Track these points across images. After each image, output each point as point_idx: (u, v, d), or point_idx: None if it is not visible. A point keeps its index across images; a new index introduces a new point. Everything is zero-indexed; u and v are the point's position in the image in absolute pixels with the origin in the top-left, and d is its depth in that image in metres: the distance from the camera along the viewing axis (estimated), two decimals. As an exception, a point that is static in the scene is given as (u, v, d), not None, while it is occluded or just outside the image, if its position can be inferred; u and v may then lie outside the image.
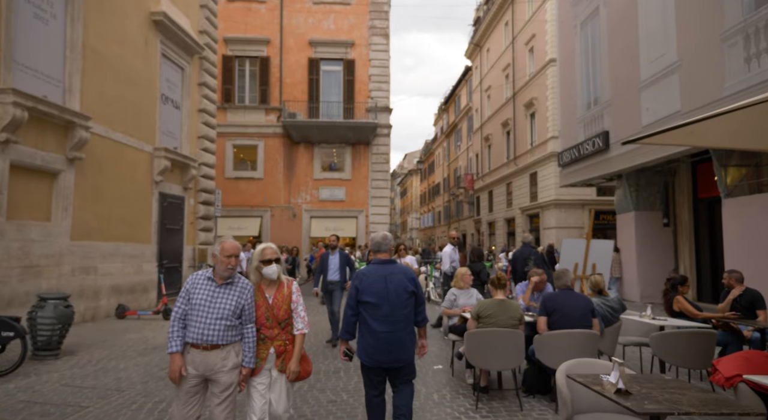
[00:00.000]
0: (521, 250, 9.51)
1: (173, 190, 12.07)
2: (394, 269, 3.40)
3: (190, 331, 2.90)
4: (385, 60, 22.14)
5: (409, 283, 3.36)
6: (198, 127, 13.24)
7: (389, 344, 3.25)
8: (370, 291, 3.30)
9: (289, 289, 3.19)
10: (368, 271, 3.40)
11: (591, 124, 13.83)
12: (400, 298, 3.29)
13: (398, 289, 3.30)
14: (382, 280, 3.32)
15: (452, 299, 6.14)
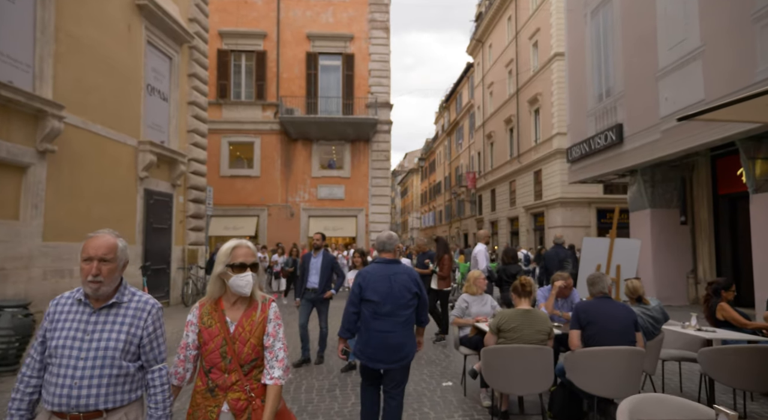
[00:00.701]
0: (554, 251, 8.69)
1: (160, 186, 11.27)
2: (398, 269, 3.39)
3: (50, 391, 1.79)
4: (386, 54, 21.33)
5: (413, 284, 3.35)
6: (188, 121, 12.43)
7: (388, 344, 3.23)
8: (374, 289, 3.28)
9: (264, 314, 2.14)
10: (372, 270, 3.38)
11: (603, 117, 13.01)
12: (403, 298, 3.28)
13: (402, 290, 3.29)
14: (386, 279, 3.30)
15: (463, 307, 5.33)
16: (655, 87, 10.91)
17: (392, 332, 3.24)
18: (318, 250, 6.48)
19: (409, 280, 3.34)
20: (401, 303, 3.28)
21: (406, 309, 3.30)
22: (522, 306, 4.02)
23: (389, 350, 3.23)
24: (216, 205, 20.19)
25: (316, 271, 6.36)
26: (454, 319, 5.37)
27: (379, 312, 3.24)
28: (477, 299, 5.38)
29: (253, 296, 2.15)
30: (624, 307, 4.03)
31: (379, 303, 3.24)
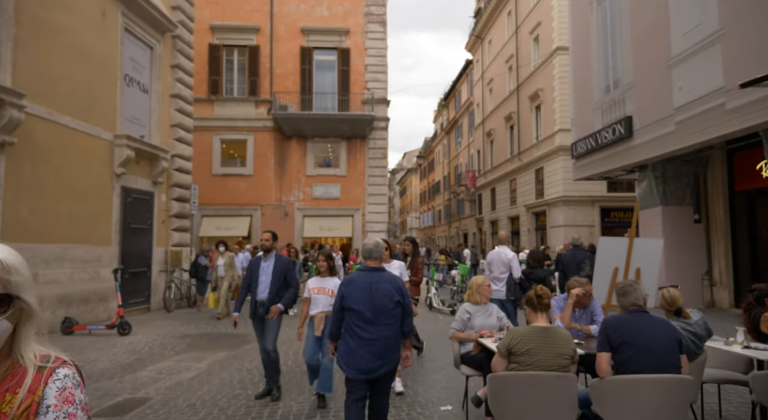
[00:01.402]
0: (572, 254, 7.86)
1: (140, 184, 10.47)
2: (381, 277, 3.31)
3: None
4: (383, 49, 20.55)
5: (395, 293, 3.27)
6: (171, 114, 11.64)
7: (371, 353, 3.17)
8: (355, 298, 3.23)
9: (33, 395, 1.04)
10: (355, 278, 3.34)
11: (610, 110, 12.22)
12: (385, 307, 3.22)
13: (383, 298, 3.22)
14: (367, 287, 3.24)
15: (465, 318, 4.54)
16: (667, 76, 10.12)
17: (376, 341, 3.18)
18: (268, 252, 5.09)
19: (391, 289, 3.26)
20: (384, 312, 3.21)
21: (389, 317, 3.24)
22: (538, 323, 3.21)
23: (372, 359, 3.17)
24: (208, 204, 19.43)
25: (266, 280, 4.98)
26: (454, 333, 4.59)
27: (362, 320, 3.20)
28: (481, 310, 4.59)
29: (14, 355, 1.08)
30: (664, 323, 3.22)
31: (360, 312, 3.20)
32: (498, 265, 6.78)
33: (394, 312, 3.25)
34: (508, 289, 6.66)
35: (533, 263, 6.81)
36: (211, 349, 7.48)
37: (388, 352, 3.22)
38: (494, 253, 6.97)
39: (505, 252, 6.91)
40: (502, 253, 6.90)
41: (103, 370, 6.28)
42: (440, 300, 11.26)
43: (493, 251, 7.11)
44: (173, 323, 9.54)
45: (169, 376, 6.11)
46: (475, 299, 4.60)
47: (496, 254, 6.92)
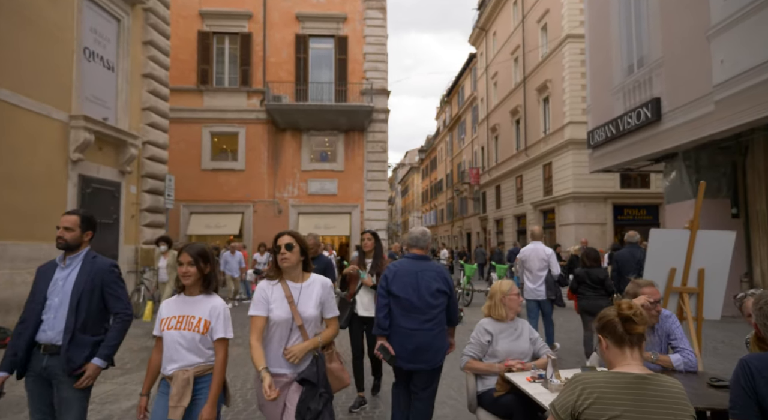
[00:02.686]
0: (629, 252, 6.71)
1: (103, 173, 9.11)
2: (426, 266, 3.24)
3: None
4: (382, 37, 19.18)
5: (441, 283, 3.19)
6: (142, 96, 10.28)
7: (414, 343, 3.09)
8: (399, 285, 3.17)
9: None
10: (400, 265, 3.27)
11: (634, 92, 10.81)
12: (429, 296, 3.14)
13: (428, 287, 3.15)
14: (413, 275, 3.17)
15: (484, 341, 3.15)
16: (705, 49, 8.69)
17: (418, 331, 3.10)
18: (70, 251, 2.72)
19: (437, 278, 3.19)
20: (427, 301, 3.12)
21: (434, 308, 3.14)
22: (628, 367, 1.78)
23: (416, 350, 3.08)
24: (197, 201, 18.12)
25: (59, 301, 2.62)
26: (467, 363, 3.20)
27: (405, 309, 3.12)
28: (507, 329, 3.19)
29: None
30: None
31: (404, 299, 3.13)
32: (535, 262, 6.27)
33: (439, 301, 3.16)
34: (548, 288, 6.19)
35: (589, 262, 6.00)
36: (168, 367, 6.11)
37: (432, 342, 3.10)
38: (529, 250, 6.40)
39: (541, 247, 6.39)
40: (539, 248, 6.36)
41: (21, 396, 4.91)
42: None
43: (528, 247, 6.51)
44: (137, 332, 8.17)
45: (101, 406, 4.74)
46: (499, 314, 3.21)
47: (531, 251, 6.36)
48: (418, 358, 3.07)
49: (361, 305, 4.60)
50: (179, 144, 18.11)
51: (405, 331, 3.09)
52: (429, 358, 3.08)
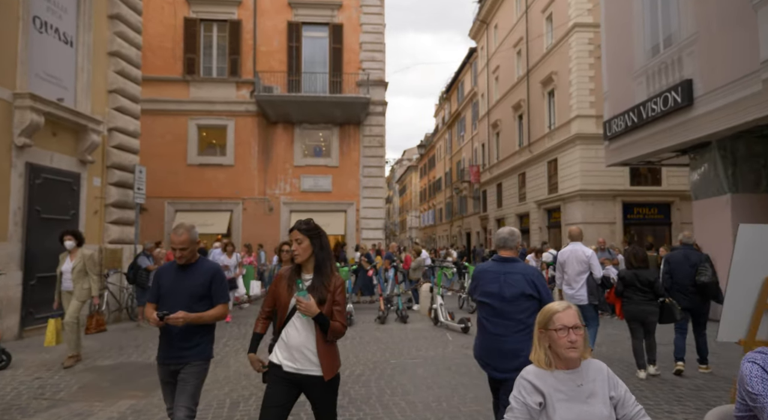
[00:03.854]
0: (683, 254, 5.75)
1: (58, 161, 7.86)
2: (513, 268, 3.05)
3: None
4: (379, 25, 17.97)
5: (527, 285, 2.97)
6: (108, 77, 9.03)
7: (501, 349, 2.95)
8: (484, 289, 3.08)
9: None
10: (486, 268, 3.18)
11: (659, 75, 9.61)
12: (515, 300, 2.96)
13: (514, 291, 2.97)
14: (497, 278, 3.04)
15: (533, 405, 1.93)
16: (750, 20, 7.50)
17: (505, 337, 2.94)
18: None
19: (522, 281, 2.97)
20: (513, 305, 2.96)
21: (520, 313, 2.95)
22: None
23: (502, 356, 2.93)
24: (182, 198, 16.88)
25: None
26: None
27: (492, 315, 3.01)
28: (566, 381, 1.97)
29: None
30: None
31: (489, 304, 3.03)
32: (573, 264, 5.85)
33: (526, 306, 2.95)
34: (590, 292, 5.82)
35: (636, 263, 5.46)
36: (112, 395, 4.86)
37: (523, 349, 2.81)
38: (568, 251, 5.97)
39: (581, 249, 5.91)
40: (578, 250, 5.90)
41: None
42: (448, 312, 8.63)
43: (566, 249, 6.08)
44: (88, 346, 6.94)
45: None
46: (559, 356, 1.99)
47: (570, 252, 5.92)
48: (504, 366, 2.90)
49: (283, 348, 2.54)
50: (164, 137, 16.89)
51: (494, 338, 2.98)
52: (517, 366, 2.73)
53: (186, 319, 2.77)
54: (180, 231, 2.91)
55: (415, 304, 10.98)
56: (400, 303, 9.54)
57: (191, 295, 2.90)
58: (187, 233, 2.91)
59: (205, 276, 2.98)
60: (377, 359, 6.20)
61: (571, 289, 5.91)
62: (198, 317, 2.84)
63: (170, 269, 3.01)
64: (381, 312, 9.05)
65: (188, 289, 2.91)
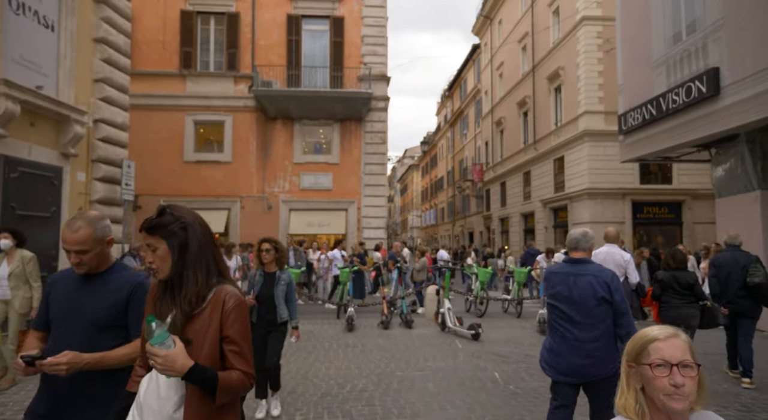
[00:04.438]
0: (730, 256, 5.32)
1: (37, 154, 7.26)
2: (584, 270, 2.92)
3: None
4: (382, 18, 17.35)
5: (599, 288, 2.81)
6: (94, 65, 8.42)
7: (573, 355, 2.80)
8: (554, 292, 2.97)
9: None
10: (557, 270, 3.07)
11: (682, 64, 8.99)
12: (586, 303, 2.83)
13: (585, 293, 2.84)
14: (566, 280, 2.92)
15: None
16: (785, 2, 6.89)
17: (579, 341, 2.80)
18: None
19: (594, 284, 2.82)
20: (585, 309, 2.82)
21: (592, 317, 2.80)
22: None
23: (572, 362, 2.80)
24: (178, 196, 16.25)
25: None
26: None
27: (562, 318, 2.89)
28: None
29: None
30: None
31: (559, 308, 2.92)
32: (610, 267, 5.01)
33: (599, 310, 2.80)
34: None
35: (674, 264, 4.99)
36: None
37: (595, 355, 2.75)
38: (603, 254, 5.28)
39: (618, 251, 5.29)
40: (615, 252, 5.24)
41: None
42: (457, 317, 8.01)
43: (601, 250, 5.37)
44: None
45: None
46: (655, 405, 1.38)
47: (606, 255, 5.24)
48: (583, 372, 2.81)
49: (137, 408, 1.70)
50: (160, 133, 16.31)
51: (564, 343, 2.87)
52: (594, 371, 2.78)
53: (73, 366, 1.69)
54: (76, 225, 1.83)
55: (420, 308, 10.37)
56: (404, 306, 8.93)
57: (91, 322, 1.84)
58: (87, 228, 1.85)
59: (117, 294, 1.90)
60: (381, 371, 5.59)
61: None
62: (97, 360, 1.75)
63: (67, 280, 1.95)
64: (384, 316, 8.45)
65: (88, 314, 1.85)
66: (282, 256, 4.21)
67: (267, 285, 4.09)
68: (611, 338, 2.81)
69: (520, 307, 9.74)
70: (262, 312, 4.06)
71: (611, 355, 2.79)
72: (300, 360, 6.10)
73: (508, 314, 10.15)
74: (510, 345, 6.95)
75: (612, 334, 2.82)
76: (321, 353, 6.51)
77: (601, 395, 2.82)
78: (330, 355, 6.42)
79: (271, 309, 4.07)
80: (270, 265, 4.15)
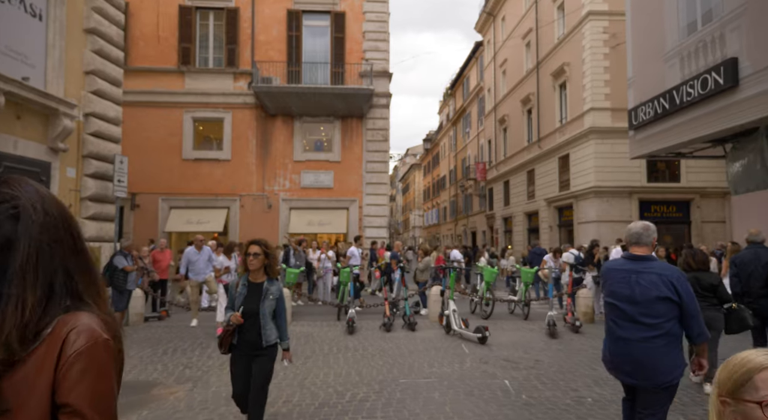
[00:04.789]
0: (753, 253, 4.99)
1: (23, 148, 6.91)
2: (646, 267, 2.69)
3: None
4: (383, 13, 16.99)
5: (664, 287, 2.61)
6: (85, 57, 8.07)
7: (631, 356, 2.65)
8: (612, 290, 2.81)
9: None
10: (615, 266, 2.85)
11: (697, 55, 8.59)
12: (649, 302, 2.63)
13: (647, 292, 2.64)
14: (626, 279, 2.73)
15: None
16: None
17: (636, 342, 2.64)
18: None
19: (658, 282, 2.61)
20: (646, 308, 2.63)
21: (653, 316, 2.61)
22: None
23: (633, 363, 2.65)
24: (177, 194, 15.98)
25: None
26: None
27: (620, 317, 2.73)
28: None
29: None
30: None
31: (617, 306, 2.74)
32: None
33: (661, 310, 2.60)
34: None
35: (696, 265, 4.71)
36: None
37: (652, 357, 2.58)
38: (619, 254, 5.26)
39: None
40: None
41: None
42: (462, 319, 7.64)
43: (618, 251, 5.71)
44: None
45: None
46: None
47: None
48: (636, 373, 2.63)
49: None
50: (158, 131, 16.00)
51: (625, 343, 2.68)
52: (648, 375, 2.59)
53: None
54: None
55: (423, 309, 10.00)
56: (407, 308, 8.56)
57: None
58: None
59: None
60: (383, 378, 5.22)
61: None
62: None
63: None
64: (386, 318, 8.08)
65: None
66: (272, 262, 3.45)
67: (251, 298, 3.34)
68: (673, 343, 2.60)
69: (527, 308, 9.36)
70: (243, 332, 3.32)
71: (671, 362, 2.57)
72: (297, 365, 5.74)
73: (514, 316, 9.77)
74: (519, 349, 6.57)
75: (675, 339, 2.61)
76: (320, 358, 6.15)
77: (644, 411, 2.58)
78: (329, 359, 6.05)
79: (255, 329, 3.31)
80: (257, 273, 3.41)
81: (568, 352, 6.43)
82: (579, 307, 8.74)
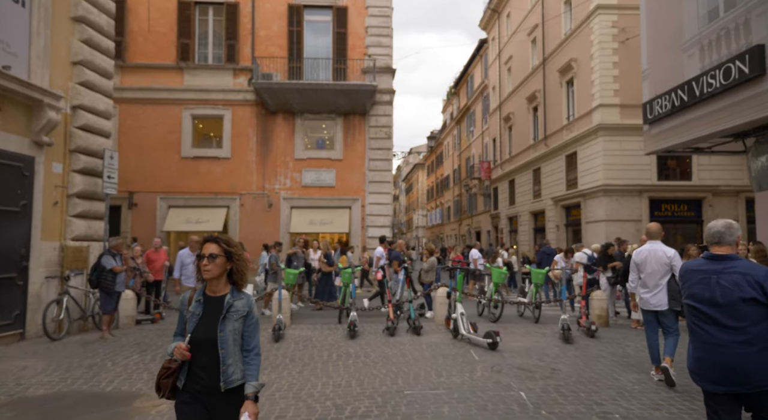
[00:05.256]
0: None
1: (4, 142, 6.47)
2: (730, 267, 2.51)
3: None
4: (386, 7, 16.54)
5: (748, 287, 2.41)
6: (72, 46, 7.63)
7: (719, 361, 2.46)
8: (692, 292, 2.63)
9: None
10: (695, 267, 2.67)
11: (719, 44, 8.09)
12: (733, 305, 2.45)
13: (729, 293, 2.46)
14: (707, 279, 2.56)
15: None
16: None
17: (722, 347, 2.45)
18: None
19: (742, 282, 2.43)
20: (730, 311, 2.44)
21: (740, 319, 2.41)
22: None
23: (722, 369, 2.44)
24: (176, 193, 15.58)
25: None
26: None
27: (701, 320, 2.56)
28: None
29: None
30: None
31: (698, 309, 2.57)
32: (654, 265, 5.02)
33: (749, 312, 2.40)
34: (672, 297, 4.97)
35: None
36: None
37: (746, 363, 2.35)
38: (646, 251, 5.06)
39: (661, 248, 5.02)
40: (658, 249, 4.99)
41: None
42: (471, 323, 7.15)
43: (644, 248, 5.14)
44: (36, 365, 5.55)
45: None
46: None
47: (648, 252, 5.03)
48: (729, 379, 2.40)
49: None
50: (156, 128, 15.60)
51: (709, 347, 2.50)
52: (744, 380, 2.36)
53: None
54: None
55: (428, 311, 9.53)
56: (412, 311, 8.09)
57: None
58: None
59: None
60: (387, 389, 4.75)
61: (648, 293, 5.05)
62: None
63: None
64: (390, 322, 7.61)
65: None
66: (240, 266, 2.32)
67: (207, 320, 2.22)
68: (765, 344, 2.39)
69: (537, 311, 8.87)
70: (194, 369, 2.19)
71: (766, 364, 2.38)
72: (294, 374, 5.28)
73: (524, 318, 9.28)
74: (533, 356, 6.08)
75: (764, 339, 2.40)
76: (318, 365, 5.68)
77: (762, 408, 2.38)
78: (329, 367, 5.59)
79: (213, 364, 2.17)
80: (216, 282, 2.28)
81: (585, 360, 5.94)
82: (593, 309, 8.25)
